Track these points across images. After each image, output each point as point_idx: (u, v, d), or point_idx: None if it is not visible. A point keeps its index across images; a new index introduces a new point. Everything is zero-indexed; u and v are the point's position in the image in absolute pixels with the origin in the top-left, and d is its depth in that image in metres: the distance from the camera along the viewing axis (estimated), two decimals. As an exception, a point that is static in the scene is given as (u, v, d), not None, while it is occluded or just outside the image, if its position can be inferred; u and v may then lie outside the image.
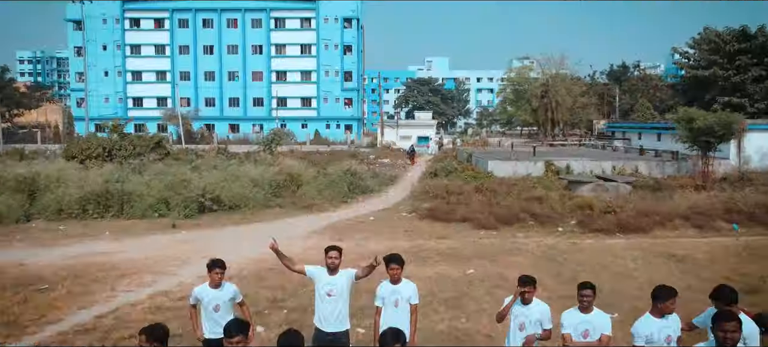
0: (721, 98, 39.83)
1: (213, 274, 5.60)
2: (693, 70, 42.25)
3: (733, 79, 39.57)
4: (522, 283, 5.10)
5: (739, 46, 39.88)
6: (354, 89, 70.23)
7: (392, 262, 5.59)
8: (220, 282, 5.63)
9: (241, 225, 17.03)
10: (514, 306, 5.15)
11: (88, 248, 13.66)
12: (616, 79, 69.12)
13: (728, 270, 11.49)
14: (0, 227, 16.01)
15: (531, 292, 5.05)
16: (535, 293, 5.25)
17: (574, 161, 28.71)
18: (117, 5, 68.42)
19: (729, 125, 20.99)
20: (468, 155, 35.36)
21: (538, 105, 46.78)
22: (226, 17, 69.06)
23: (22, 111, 63.73)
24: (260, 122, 68.39)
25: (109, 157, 26.13)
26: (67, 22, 69.84)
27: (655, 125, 37.77)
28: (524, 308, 5.12)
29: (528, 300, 5.08)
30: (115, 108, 68.66)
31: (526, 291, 5.04)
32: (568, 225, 16.35)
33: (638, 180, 23.20)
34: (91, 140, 27.37)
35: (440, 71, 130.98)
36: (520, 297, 5.09)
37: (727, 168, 26.63)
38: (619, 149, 37.46)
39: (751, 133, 28.27)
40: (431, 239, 14.70)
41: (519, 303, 5.13)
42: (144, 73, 70.18)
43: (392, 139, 56.74)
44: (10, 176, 19.53)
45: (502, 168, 27.73)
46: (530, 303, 5.10)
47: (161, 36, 69.72)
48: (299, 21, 69.69)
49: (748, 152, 27.99)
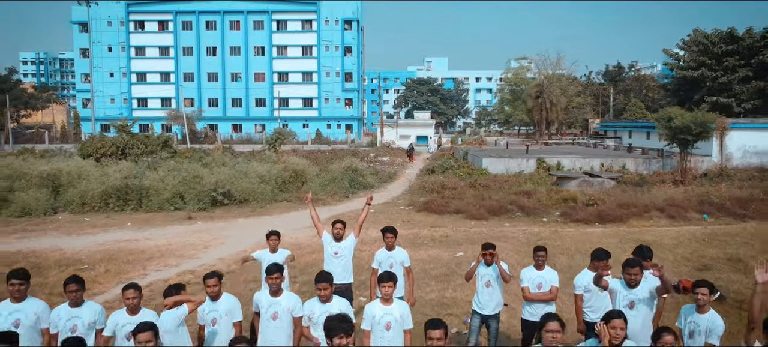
0: (709, 98, 41.24)
1: (270, 241, 7.08)
2: (682, 71, 43.64)
3: (721, 79, 40.94)
4: (484, 248, 6.49)
5: (726, 48, 41.26)
6: (354, 89, 71.59)
7: (387, 231, 7.02)
8: (276, 248, 7.09)
9: (251, 217, 18.42)
10: (479, 267, 6.54)
11: (115, 236, 15.08)
12: (611, 80, 70.57)
13: (689, 253, 12.92)
14: (31, 219, 17.45)
15: (492, 254, 6.42)
16: (500, 257, 6.62)
17: (564, 159, 30.15)
18: (122, 8, 69.83)
19: (705, 123, 22.37)
20: (464, 153, 36.78)
21: (533, 105, 48.20)
22: (229, 19, 70.45)
23: (30, 112, 65.10)
24: (262, 122, 69.82)
25: (123, 155, 27.56)
26: (73, 25, 71.34)
27: (645, 124, 39.10)
28: (489, 268, 6.51)
29: (489, 262, 6.46)
30: (120, 108, 70.03)
31: (487, 253, 6.42)
32: (553, 216, 17.76)
33: (623, 176, 24.63)
34: (105, 140, 28.76)
35: (439, 71, 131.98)
36: (483, 259, 6.47)
37: (709, 165, 28.05)
38: (610, 147, 38.84)
39: (733, 132, 29.67)
40: (426, 228, 16.10)
41: (483, 264, 6.51)
42: (148, 75, 71.54)
43: (392, 138, 58.26)
44: (35, 172, 20.92)
45: (496, 165, 29.15)
46: (491, 264, 6.47)
47: (165, 38, 71.10)
48: (300, 23, 71.05)
49: (730, 150, 29.38)
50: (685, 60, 43.97)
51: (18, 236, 15.07)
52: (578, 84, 64.30)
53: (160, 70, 71.55)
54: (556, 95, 48.10)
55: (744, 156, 29.35)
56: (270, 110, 70.45)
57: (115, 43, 70.60)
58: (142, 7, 70.65)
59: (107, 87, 70.09)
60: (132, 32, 70.96)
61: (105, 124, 64.94)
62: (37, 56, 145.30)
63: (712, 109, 40.85)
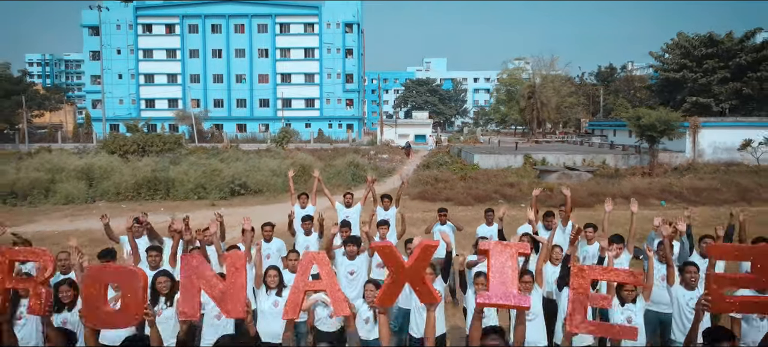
0: (690, 98, 43.74)
1: (264, 231, 7.90)
2: (666, 72, 46.13)
3: (701, 80, 43.40)
4: (439, 211, 9.02)
5: (706, 51, 43.73)
6: (355, 90, 74.04)
7: (385, 198, 9.51)
8: (270, 238, 7.92)
9: (267, 205, 20.94)
10: (436, 225, 9.03)
11: (154, 218, 17.51)
12: (603, 80, 73.03)
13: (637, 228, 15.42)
14: (75, 206, 19.98)
15: (444, 216, 8.92)
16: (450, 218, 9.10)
17: (550, 155, 32.64)
18: (130, 11, 72.25)
19: (668, 122, 24.88)
20: (458, 150, 39.30)
21: (526, 105, 50.66)
22: (234, 23, 72.86)
23: (42, 112, 67.61)
24: (266, 122, 72.24)
25: (143, 152, 30.11)
26: (83, 28, 73.72)
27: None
28: (444, 226, 8.99)
29: (443, 221, 8.95)
30: (129, 109, 72.61)
31: (441, 216, 8.93)
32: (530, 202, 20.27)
33: (598, 170, 27.14)
34: (127, 138, 31.28)
35: (438, 72, 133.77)
36: (439, 220, 8.97)
37: (682, 160, 30.59)
38: (595, 145, 41.37)
39: (705, 130, 32.17)
40: (418, 212, 18.62)
41: (438, 224, 9.01)
42: (156, 76, 73.98)
43: (391, 137, 60.85)
44: (71, 166, 23.46)
45: (487, 161, 31.65)
46: (445, 223, 8.97)
47: (172, 41, 73.53)
48: (303, 26, 73.47)
49: (702, 146, 31.88)
50: (668, 62, 46.44)
51: (69, 220, 17.58)
52: (571, 84, 66.66)
53: (167, 72, 73.97)
54: (547, 95, 50.55)
55: (715, 152, 31.81)
56: (273, 110, 72.91)
57: (124, 45, 73.03)
58: (150, 11, 73.12)
59: (116, 88, 72.51)
60: (140, 35, 73.39)
61: (114, 124, 67.62)
62: (43, 58, 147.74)
63: (692, 108, 43.43)
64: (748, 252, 3.97)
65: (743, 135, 30.37)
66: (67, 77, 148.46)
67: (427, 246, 3.55)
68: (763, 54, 42.66)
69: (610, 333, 3.81)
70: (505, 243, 3.54)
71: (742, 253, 4.32)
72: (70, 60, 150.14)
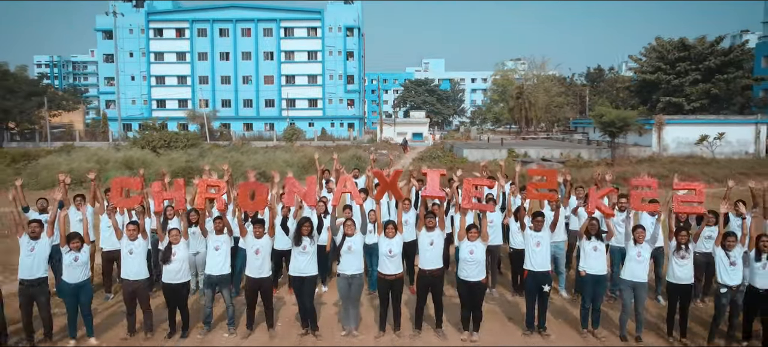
0: (664, 98, 47.61)
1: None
2: (642, 74, 49.98)
3: (674, 82, 47.25)
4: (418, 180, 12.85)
5: (678, 55, 47.58)
6: (355, 90, 77.85)
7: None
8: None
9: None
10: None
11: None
12: (591, 81, 76.90)
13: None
14: (125, 190, 23.84)
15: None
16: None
17: (532, 149, 36.54)
18: (142, 17, 76.11)
19: (625, 119, 28.74)
20: (451, 146, 43.22)
21: (514, 105, 54.48)
22: (241, 27, 76.54)
23: (60, 112, 71.43)
24: (271, 121, 76.06)
25: (169, 147, 33.94)
26: (97, 32, 77.56)
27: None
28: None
29: (418, 187, 12.77)
30: (141, 109, 76.44)
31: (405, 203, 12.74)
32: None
33: (571, 161, 31.02)
34: (155, 134, 35.14)
35: (436, 72, 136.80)
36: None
37: (648, 153, 34.48)
38: (575, 140, 45.25)
39: (669, 126, 36.01)
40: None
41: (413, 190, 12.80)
42: (166, 78, 77.63)
43: (390, 135, 64.84)
44: (113, 158, 27.35)
45: (475, 154, 35.52)
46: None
47: (182, 44, 77.20)
48: (306, 30, 77.21)
49: (666, 141, 35.72)
50: (645, 65, 50.30)
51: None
52: (561, 85, 70.44)
53: (177, 74, 77.62)
54: (535, 95, 54.38)
55: (678, 146, 35.65)
56: (278, 110, 76.69)
57: (136, 49, 76.71)
58: (161, 16, 76.86)
59: (128, 89, 76.20)
60: (152, 39, 77.00)
61: (126, 123, 71.49)
62: (51, 59, 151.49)
63: (666, 107, 47.31)
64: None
65: (701, 131, 34.27)
66: (75, 79, 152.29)
67: (396, 172, 7.49)
68: (730, 58, 46.59)
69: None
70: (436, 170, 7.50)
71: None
72: (77, 61, 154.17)
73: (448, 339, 7.48)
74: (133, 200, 8.16)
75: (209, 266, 7.63)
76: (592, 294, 7.49)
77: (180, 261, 7.42)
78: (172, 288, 7.46)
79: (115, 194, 7.96)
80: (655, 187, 7.86)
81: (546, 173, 8.84)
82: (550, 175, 8.21)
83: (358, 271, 7.54)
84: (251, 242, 7.48)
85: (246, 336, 7.56)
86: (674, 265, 7.25)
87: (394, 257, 7.40)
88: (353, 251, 7.47)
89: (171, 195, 7.96)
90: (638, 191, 7.82)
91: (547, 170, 9.96)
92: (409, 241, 8.45)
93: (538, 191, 8.10)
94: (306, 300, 7.53)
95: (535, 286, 7.50)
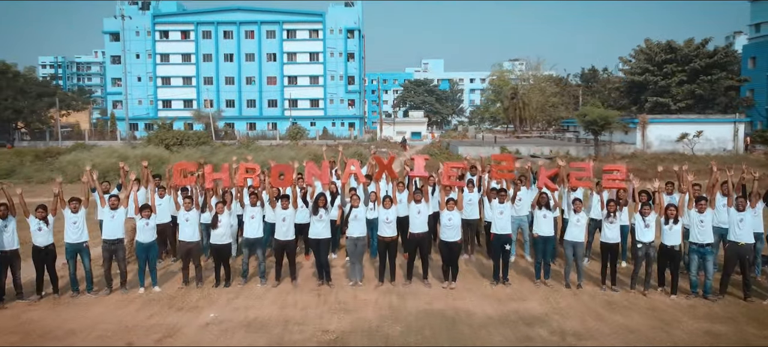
0: (652, 98, 49.82)
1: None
2: (631, 75, 52.18)
3: (661, 83, 49.47)
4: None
5: (665, 57, 49.80)
6: (356, 91, 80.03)
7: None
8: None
9: (291, 183, 26.98)
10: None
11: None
12: (586, 81, 79.02)
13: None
14: (146, 183, 26.01)
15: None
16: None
17: (523, 146, 38.69)
18: (149, 19, 78.29)
19: (606, 118, 30.90)
20: (447, 143, 45.40)
21: (508, 105, 56.64)
22: (244, 29, 78.75)
23: (69, 112, 73.59)
24: (274, 121, 78.26)
25: (180, 144, 36.08)
26: (104, 34, 79.76)
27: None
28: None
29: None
30: (147, 109, 78.66)
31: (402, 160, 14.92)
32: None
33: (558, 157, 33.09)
34: (168, 133, 37.29)
35: (436, 73, 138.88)
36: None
37: (632, 150, 36.63)
38: (565, 139, 47.44)
39: (653, 125, 38.20)
40: (408, 186, 24.69)
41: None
42: (172, 79, 79.86)
43: (390, 134, 67.07)
44: (132, 154, 29.49)
45: (469, 152, 37.42)
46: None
47: (187, 46, 79.41)
48: (308, 32, 79.44)
49: (650, 139, 37.91)
50: (634, 66, 52.49)
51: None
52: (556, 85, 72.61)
53: (182, 75, 79.81)
54: (529, 96, 56.57)
55: (661, 144, 37.84)
56: (281, 110, 78.89)
57: (143, 50, 78.88)
58: (167, 18, 79.06)
59: (135, 90, 78.25)
60: (157, 41, 79.19)
61: (133, 123, 73.64)
62: (56, 60, 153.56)
63: (654, 107, 49.49)
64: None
65: (683, 130, 36.44)
66: (78, 79, 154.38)
67: (391, 157, 9.67)
68: (715, 60, 48.77)
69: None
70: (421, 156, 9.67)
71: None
72: (80, 62, 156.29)
73: (433, 287, 9.64)
74: (190, 179, 10.30)
75: (246, 231, 9.81)
76: (542, 251, 9.66)
77: (224, 227, 9.58)
78: (217, 247, 9.63)
79: (177, 174, 10.11)
80: (623, 172, 9.96)
81: (504, 157, 11.03)
82: (507, 159, 10.37)
83: (362, 235, 9.71)
84: (279, 212, 9.64)
85: (275, 286, 9.71)
86: (605, 229, 9.41)
87: (390, 223, 9.59)
88: (358, 219, 9.65)
89: (219, 176, 10.11)
90: (576, 172, 10.05)
91: (505, 156, 12.16)
92: (402, 216, 10.59)
93: (500, 172, 10.30)
94: (322, 256, 9.70)
95: (498, 245, 9.67)
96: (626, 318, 8.15)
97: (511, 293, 9.38)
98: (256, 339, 7.38)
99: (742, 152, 37.77)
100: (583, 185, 10.22)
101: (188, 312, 8.49)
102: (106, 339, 7.44)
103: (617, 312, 8.42)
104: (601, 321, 8.05)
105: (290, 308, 8.65)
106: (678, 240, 8.96)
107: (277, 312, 8.46)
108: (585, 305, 8.75)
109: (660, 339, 7.36)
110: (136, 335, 7.53)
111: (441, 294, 9.28)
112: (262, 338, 7.43)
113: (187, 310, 8.56)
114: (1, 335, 7.57)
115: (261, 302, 8.93)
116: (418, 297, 9.12)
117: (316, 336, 7.48)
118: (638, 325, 7.85)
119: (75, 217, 9.11)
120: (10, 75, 63.43)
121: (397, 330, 7.71)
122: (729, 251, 9.08)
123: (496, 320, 8.08)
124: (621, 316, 8.21)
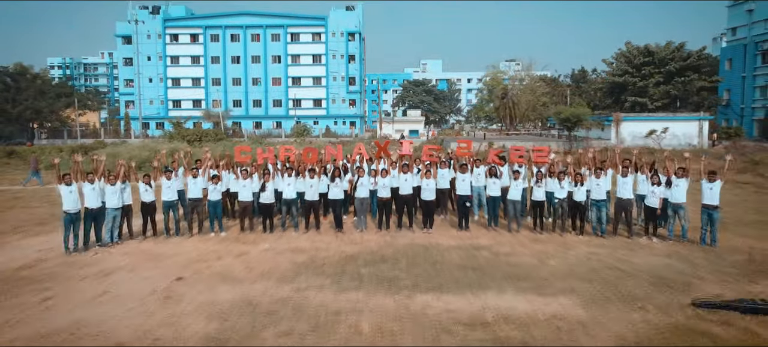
0: (631, 98, 53.85)
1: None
2: (612, 77, 56.23)
3: (639, 84, 53.50)
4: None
5: (643, 60, 53.85)
6: (357, 91, 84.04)
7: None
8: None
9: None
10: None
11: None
12: (575, 82, 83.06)
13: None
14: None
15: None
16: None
17: (508, 142, 42.66)
18: (159, 23, 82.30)
19: (578, 116, 34.89)
20: (441, 140, 49.46)
21: (499, 104, 60.69)
22: (250, 33, 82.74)
23: (84, 112, 77.59)
24: (279, 120, 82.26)
25: (199, 140, 40.14)
26: (117, 37, 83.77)
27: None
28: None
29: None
30: (158, 109, 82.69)
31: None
32: (479, 170, 30.43)
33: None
34: (188, 130, 41.38)
35: (434, 73, 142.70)
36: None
37: (605, 144, 40.62)
38: (549, 136, 51.50)
39: (626, 123, 42.20)
40: (403, 174, 28.79)
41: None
42: (182, 80, 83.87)
43: (389, 132, 71.06)
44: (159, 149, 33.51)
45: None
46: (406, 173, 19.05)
47: (196, 49, 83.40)
48: (311, 35, 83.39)
49: (623, 135, 41.90)
50: (615, 68, 56.54)
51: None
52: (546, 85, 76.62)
53: (191, 76, 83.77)
54: (519, 96, 60.61)
55: (633, 139, 41.77)
56: (285, 109, 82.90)
57: (154, 53, 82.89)
58: (177, 22, 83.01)
59: (146, 91, 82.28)
60: (168, 44, 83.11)
61: (144, 122, 77.68)
62: (64, 61, 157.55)
63: (633, 106, 53.52)
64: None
65: (652, 126, 40.49)
66: (86, 80, 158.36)
67: (387, 142, 13.78)
68: (689, 63, 52.82)
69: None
70: (408, 140, 13.77)
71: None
72: (88, 63, 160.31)
73: (416, 233, 13.73)
74: (246, 157, 14.34)
75: (285, 194, 13.91)
76: (493, 207, 13.78)
77: (270, 191, 13.67)
78: (265, 206, 13.73)
79: (238, 154, 14.18)
80: (546, 151, 14.05)
81: (466, 141, 15.16)
82: (468, 143, 14.51)
83: (366, 196, 13.84)
84: (309, 180, 13.73)
85: (305, 233, 13.80)
86: (535, 190, 13.50)
87: (386, 188, 13.70)
88: (363, 185, 13.78)
89: (266, 155, 14.18)
90: (537, 153, 14.18)
91: (467, 140, 16.29)
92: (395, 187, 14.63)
93: (462, 152, 14.47)
94: (338, 212, 13.81)
95: (461, 203, 13.79)
96: (543, 246, 12.26)
97: (469, 235, 13.49)
98: (299, 257, 11.47)
99: (706, 146, 41.75)
100: (541, 162, 14.28)
101: (250, 244, 12.61)
102: (204, 256, 11.54)
103: (538, 243, 12.54)
104: (525, 247, 12.16)
105: (318, 242, 12.77)
106: (583, 197, 13.08)
107: (310, 244, 12.58)
108: (517, 240, 12.87)
109: (561, 254, 11.46)
110: (221, 254, 11.65)
111: (421, 236, 13.39)
112: (303, 256, 11.52)
113: (249, 244, 12.68)
114: (132, 255, 11.67)
115: (298, 240, 13.05)
116: (405, 237, 13.24)
117: (337, 255, 11.58)
118: (549, 249, 11.95)
119: (169, 183, 13.21)
120: (29, 76, 67.36)
121: (390, 252, 11.81)
122: (616, 205, 13.17)
123: (455, 247, 12.20)
124: (540, 245, 12.32)
